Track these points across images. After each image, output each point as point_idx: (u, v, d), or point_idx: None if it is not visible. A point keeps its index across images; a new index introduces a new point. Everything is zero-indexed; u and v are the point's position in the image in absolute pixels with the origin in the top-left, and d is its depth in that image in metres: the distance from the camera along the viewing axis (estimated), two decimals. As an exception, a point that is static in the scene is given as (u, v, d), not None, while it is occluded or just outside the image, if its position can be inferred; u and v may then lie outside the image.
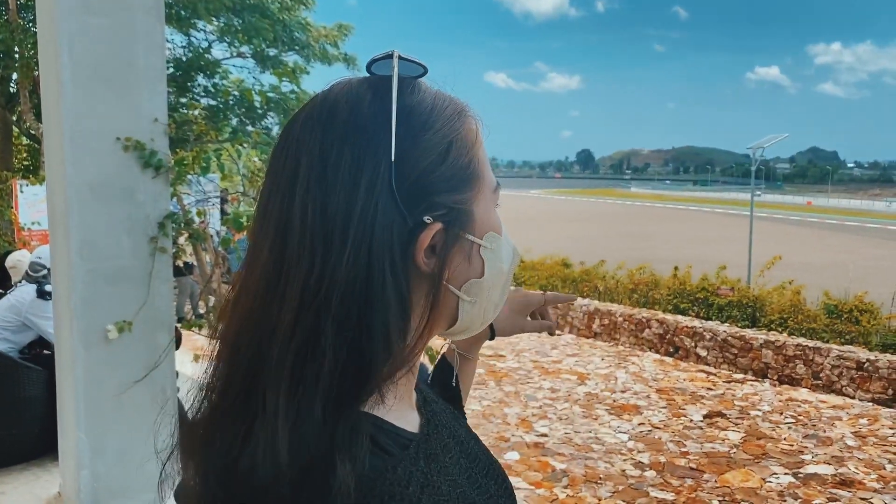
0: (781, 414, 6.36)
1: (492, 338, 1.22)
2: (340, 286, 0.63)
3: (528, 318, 1.26)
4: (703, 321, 8.40)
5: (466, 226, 0.72)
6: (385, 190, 0.65)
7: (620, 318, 8.95)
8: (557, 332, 9.47)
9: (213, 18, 12.28)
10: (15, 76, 13.20)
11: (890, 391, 6.61)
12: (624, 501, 4.55)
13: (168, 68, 12.50)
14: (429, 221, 0.67)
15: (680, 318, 8.55)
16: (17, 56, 12.00)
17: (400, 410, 0.69)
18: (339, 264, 0.63)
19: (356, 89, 0.70)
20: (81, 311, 3.20)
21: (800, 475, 5.01)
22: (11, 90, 14.10)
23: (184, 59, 12.89)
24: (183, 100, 12.47)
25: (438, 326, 0.76)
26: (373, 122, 0.67)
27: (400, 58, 0.70)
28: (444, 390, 1.13)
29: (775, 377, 7.40)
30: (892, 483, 4.89)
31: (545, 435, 5.73)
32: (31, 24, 11.70)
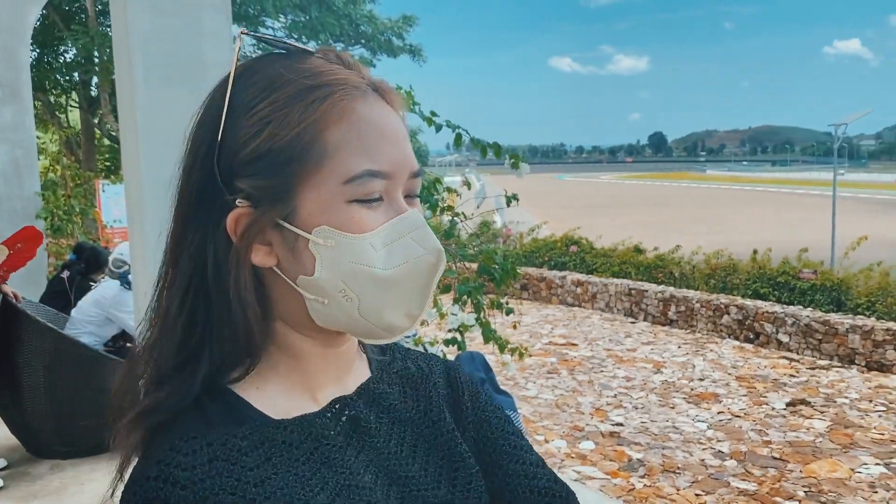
0: (871, 401, 6.08)
1: None
2: (167, 251, 0.71)
3: None
4: (785, 306, 8.10)
5: (282, 213, 0.67)
6: (207, 166, 0.68)
7: (697, 305, 8.72)
8: (631, 320, 9.33)
9: (281, 15, 12.53)
10: (95, 80, 13.74)
11: None
12: (704, 491, 4.43)
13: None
14: (240, 204, 0.67)
15: (760, 303, 8.27)
16: (97, 60, 12.48)
17: (279, 396, 0.71)
18: (172, 230, 0.71)
19: (238, 64, 0.70)
20: (160, 304, 3.29)
21: (892, 465, 4.78)
22: (93, 94, 14.68)
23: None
24: (254, 97, 12.78)
25: (297, 320, 0.71)
26: (217, 99, 0.69)
27: (254, 35, 0.71)
28: None
29: (863, 363, 7.08)
30: None
31: (620, 424, 5.63)
32: (109, 29, 12.14)
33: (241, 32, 0.71)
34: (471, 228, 3.67)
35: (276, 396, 0.71)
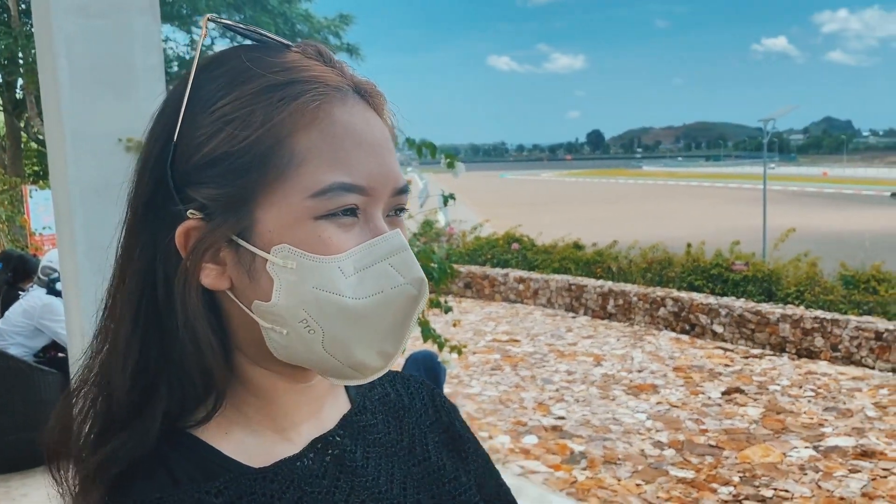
0: (801, 387, 6.31)
1: None
2: (115, 262, 0.63)
3: None
4: (719, 297, 8.34)
5: (237, 229, 0.59)
6: (160, 168, 0.60)
7: (635, 298, 8.91)
8: (571, 314, 9.44)
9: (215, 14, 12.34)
10: (21, 81, 13.27)
11: (910, 360, 6.55)
12: (644, 481, 4.53)
13: (172, 67, 12.56)
14: (191, 216, 0.59)
15: (695, 295, 8.49)
16: (21, 61, 12.06)
17: (249, 439, 0.63)
18: (121, 239, 0.63)
19: (200, 55, 0.62)
20: (91, 312, 3.21)
21: (820, 448, 4.97)
22: (18, 96, 14.19)
23: (187, 56, 12.93)
24: (188, 98, 12.52)
25: (256, 352, 0.63)
26: (177, 93, 0.61)
27: (219, 22, 0.63)
28: None
29: (793, 351, 7.34)
30: (915, 453, 4.85)
31: (563, 418, 5.71)
32: (33, 29, 11.75)
33: (208, 18, 0.62)
34: (412, 227, 3.68)
35: (245, 440, 0.63)
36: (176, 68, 12.53)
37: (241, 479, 0.59)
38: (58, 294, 4.44)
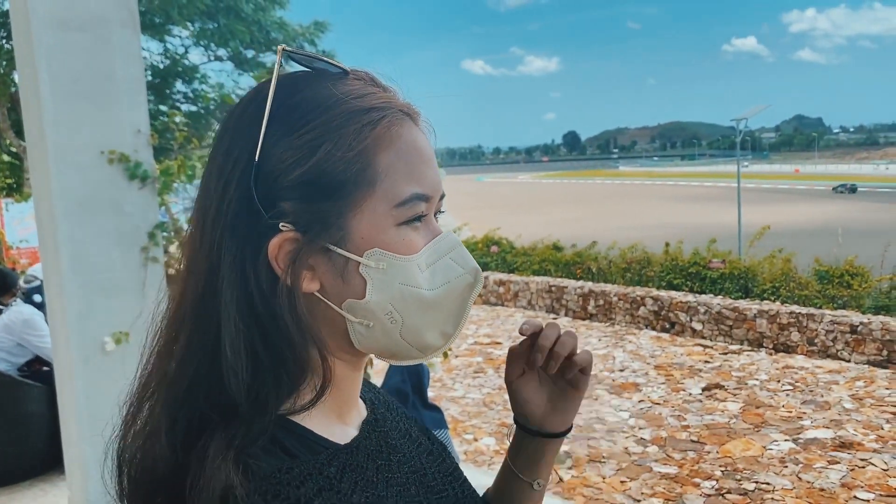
0: (779, 382, 6.42)
1: (561, 434, 0.95)
2: (197, 274, 0.67)
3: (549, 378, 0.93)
4: (697, 295, 8.45)
5: (332, 238, 0.66)
6: (243, 187, 0.65)
7: (615, 298, 8.99)
8: (552, 315, 9.47)
9: (188, 23, 12.22)
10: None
11: (884, 352, 6.68)
12: (628, 478, 4.60)
13: (145, 76, 12.47)
14: (284, 228, 0.65)
15: (674, 293, 8.60)
16: (-7, 74, 11.92)
17: (324, 422, 0.70)
18: (200, 252, 0.67)
19: (276, 82, 0.67)
20: (77, 324, 3.21)
21: (800, 440, 5.07)
22: (-10, 108, 14.00)
23: (161, 66, 12.84)
24: (163, 107, 12.41)
25: (334, 344, 0.70)
26: (252, 117, 0.66)
27: (290, 52, 0.69)
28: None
29: (771, 346, 7.46)
30: (891, 442, 4.95)
31: (547, 418, 5.76)
32: (3, 41, 11.61)
33: (282, 49, 0.68)
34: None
35: (323, 421, 0.70)
36: (150, 78, 12.43)
37: (339, 454, 0.67)
38: (34, 303, 4.42)
